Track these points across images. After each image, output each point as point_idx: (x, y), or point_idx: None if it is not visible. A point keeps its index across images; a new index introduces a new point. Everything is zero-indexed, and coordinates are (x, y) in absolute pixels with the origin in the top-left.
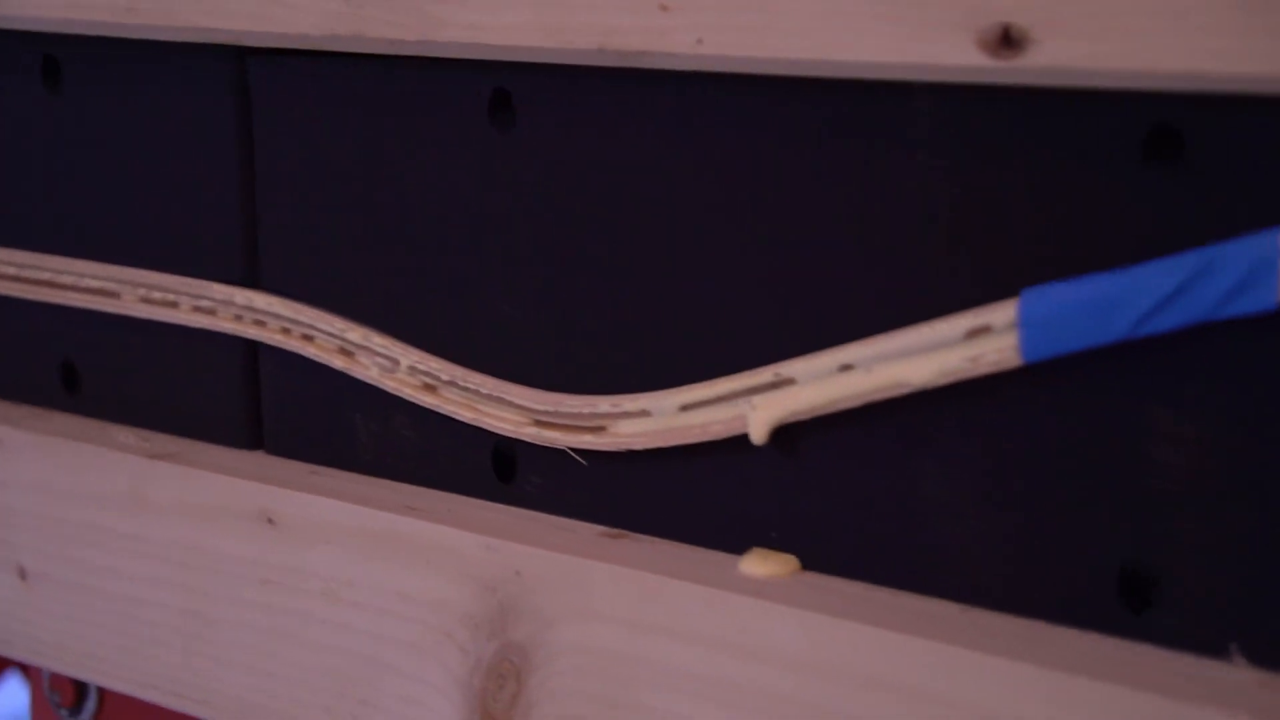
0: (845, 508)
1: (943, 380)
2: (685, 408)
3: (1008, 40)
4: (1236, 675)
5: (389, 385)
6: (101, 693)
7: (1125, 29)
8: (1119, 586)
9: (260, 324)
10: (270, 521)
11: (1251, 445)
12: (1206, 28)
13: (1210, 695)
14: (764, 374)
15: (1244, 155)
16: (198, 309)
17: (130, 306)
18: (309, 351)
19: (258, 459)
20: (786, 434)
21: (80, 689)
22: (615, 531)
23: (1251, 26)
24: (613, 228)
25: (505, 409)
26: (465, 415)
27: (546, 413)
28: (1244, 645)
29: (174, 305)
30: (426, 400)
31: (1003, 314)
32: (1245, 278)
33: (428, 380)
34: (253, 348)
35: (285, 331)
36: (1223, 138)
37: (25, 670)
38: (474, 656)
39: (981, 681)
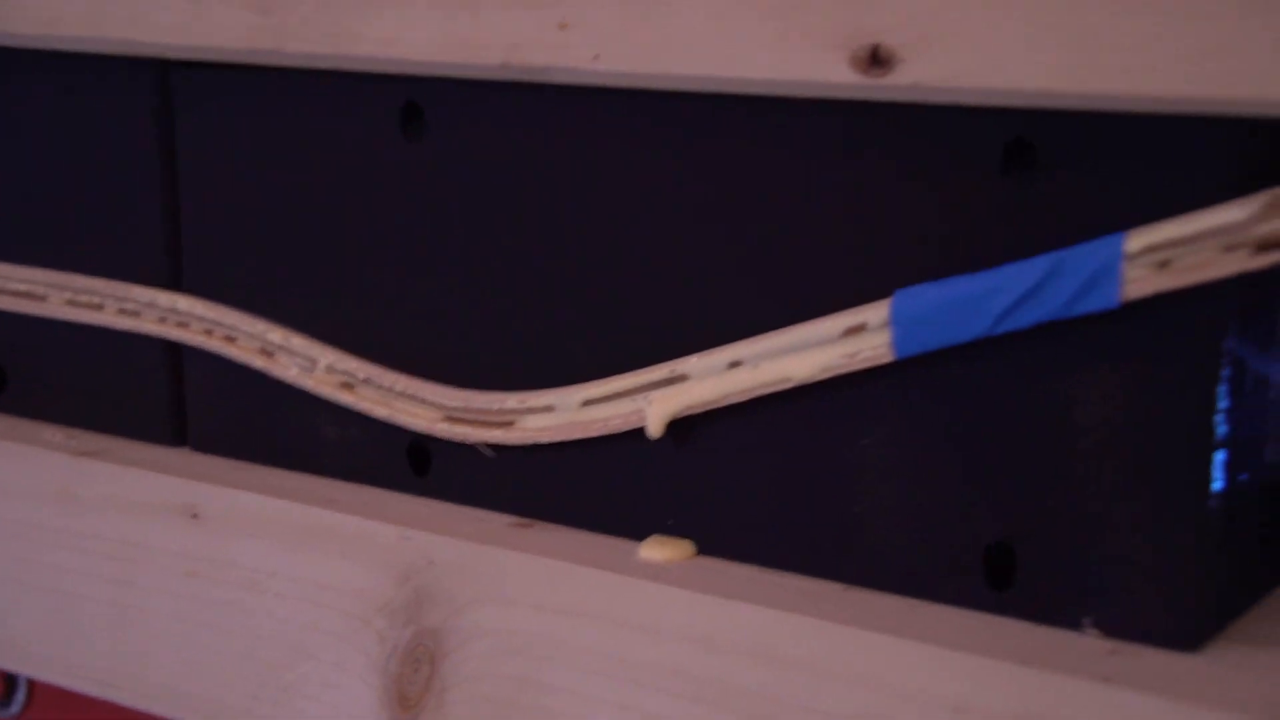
0: (736, 495)
1: (823, 375)
2: (587, 403)
3: (877, 60)
4: (1089, 644)
5: (308, 384)
6: (31, 684)
7: (984, 50)
8: (984, 565)
9: (183, 326)
10: (195, 516)
11: (1098, 434)
12: (1057, 49)
13: (1064, 664)
14: (660, 370)
15: (1091, 166)
16: (122, 311)
17: (57, 309)
18: (230, 352)
19: (183, 456)
20: (681, 426)
21: (10, 680)
22: (524, 521)
23: (1096, 48)
24: (518, 233)
25: (419, 406)
26: (381, 412)
27: (458, 409)
28: (1095, 618)
29: (99, 308)
30: (344, 398)
31: (876, 313)
32: (1091, 278)
33: (345, 379)
34: (176, 348)
35: (208, 333)
36: (1072, 150)
37: None
38: (390, 642)
39: (860, 655)
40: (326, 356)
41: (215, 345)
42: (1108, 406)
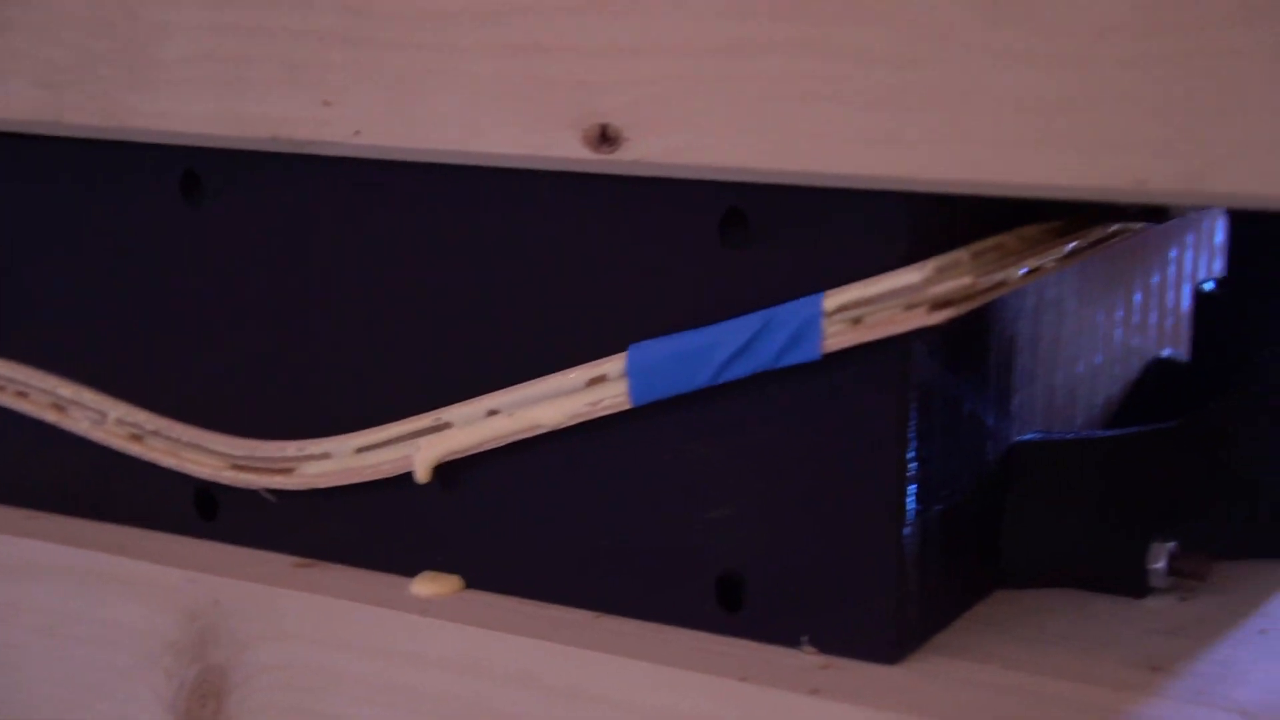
0: (499, 533)
1: (571, 421)
2: (361, 450)
3: (606, 138)
4: (806, 660)
5: (98, 437)
6: None
7: (698, 132)
8: (717, 592)
9: None
10: None
11: (809, 472)
12: (760, 132)
13: (781, 679)
14: (426, 419)
15: (795, 233)
16: None
17: None
18: (23, 407)
19: None
20: (447, 470)
21: None
22: (305, 561)
23: (792, 132)
24: (294, 292)
25: (205, 455)
26: (169, 462)
27: (242, 457)
28: (811, 636)
29: None
30: (133, 449)
31: (615, 365)
32: (796, 333)
33: (134, 431)
34: None
35: (0, 389)
36: (779, 219)
37: None
38: (178, 679)
39: (609, 678)
40: (116, 410)
41: (8, 400)
42: (817, 447)
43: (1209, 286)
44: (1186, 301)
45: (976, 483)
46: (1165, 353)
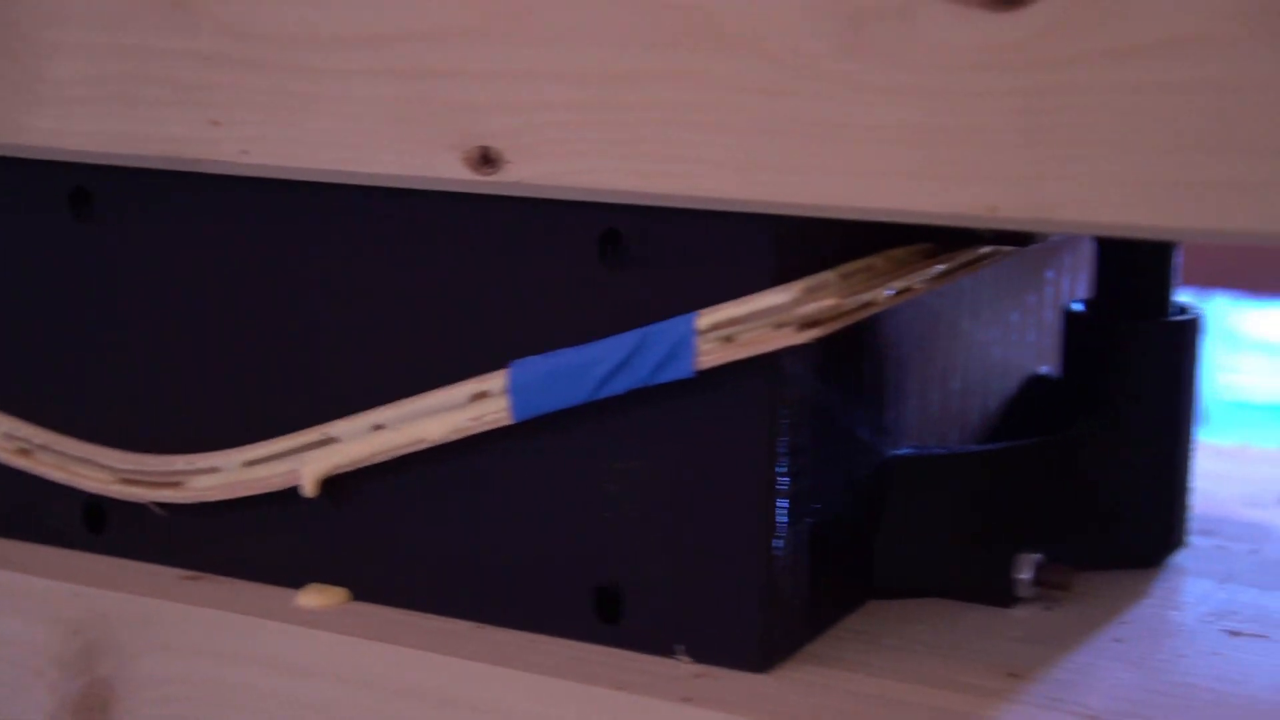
0: (385, 545)
1: (454, 436)
2: (249, 464)
3: (487, 160)
4: (680, 669)
5: None
6: None
7: (575, 155)
8: (595, 603)
9: None
10: None
11: (685, 487)
12: (634, 157)
13: (655, 687)
14: (312, 434)
15: (671, 254)
16: None
17: None
18: None
19: None
20: (334, 484)
21: None
22: (193, 574)
23: (665, 156)
24: (183, 308)
25: (94, 469)
26: (58, 475)
27: (131, 471)
28: (686, 646)
29: None
30: (21, 463)
31: (497, 381)
32: (671, 351)
33: (22, 445)
34: None
35: None
36: (655, 240)
37: None
38: (63, 692)
39: (488, 688)
40: (4, 424)
41: None
42: (692, 462)
43: (1077, 307)
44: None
45: (850, 496)
46: (1043, 370)
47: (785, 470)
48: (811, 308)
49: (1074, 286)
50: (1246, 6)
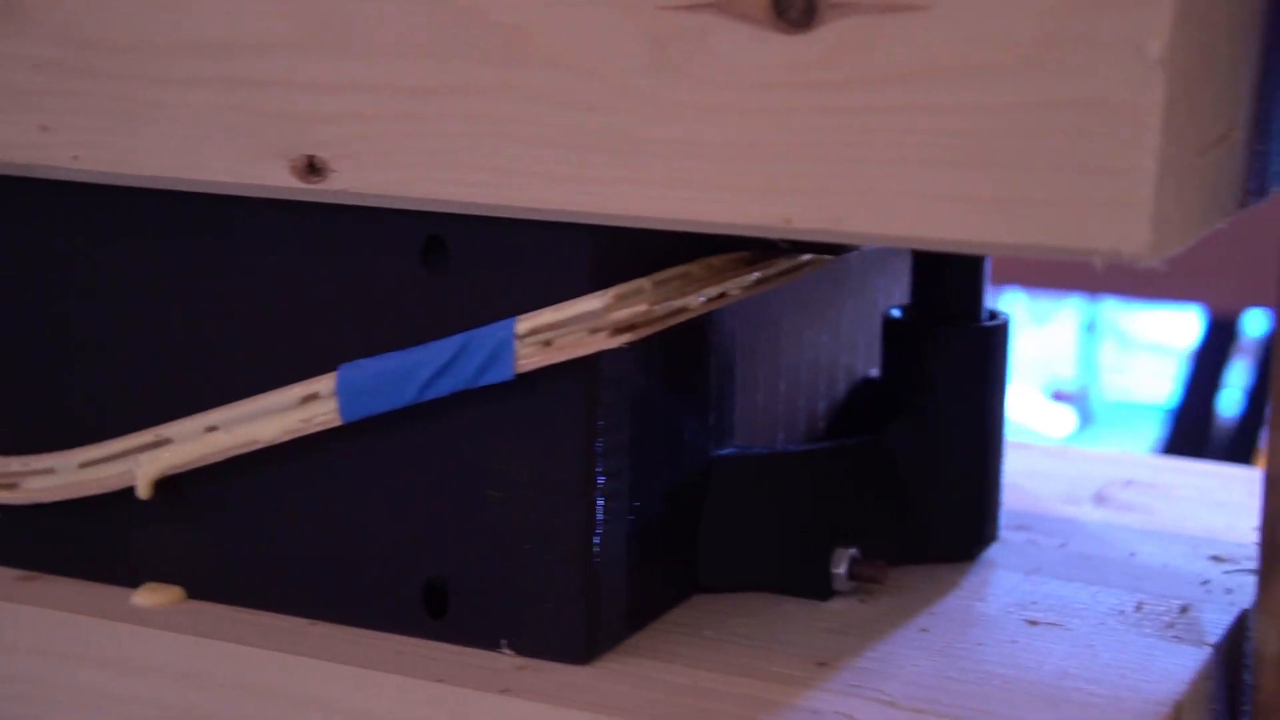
0: (220, 544)
1: (286, 437)
2: (84, 465)
3: (313, 169)
4: (504, 662)
5: None
6: None
7: (403, 164)
8: (423, 598)
9: None
10: None
11: (508, 486)
12: (455, 167)
13: (477, 680)
14: (147, 435)
15: (492, 261)
16: None
17: None
18: None
19: None
20: (169, 484)
21: None
22: (28, 574)
23: (482, 166)
24: (19, 311)
25: None
26: None
27: None
28: (510, 640)
29: None
30: None
31: (327, 384)
32: (491, 355)
33: None
34: None
35: None
36: (477, 247)
37: None
38: None
39: (317, 683)
40: None
41: None
42: (513, 463)
43: (894, 313)
44: None
45: (674, 494)
46: (872, 372)
47: (604, 469)
48: (624, 313)
49: (902, 292)
50: (1014, 38)
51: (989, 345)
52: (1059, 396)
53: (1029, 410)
